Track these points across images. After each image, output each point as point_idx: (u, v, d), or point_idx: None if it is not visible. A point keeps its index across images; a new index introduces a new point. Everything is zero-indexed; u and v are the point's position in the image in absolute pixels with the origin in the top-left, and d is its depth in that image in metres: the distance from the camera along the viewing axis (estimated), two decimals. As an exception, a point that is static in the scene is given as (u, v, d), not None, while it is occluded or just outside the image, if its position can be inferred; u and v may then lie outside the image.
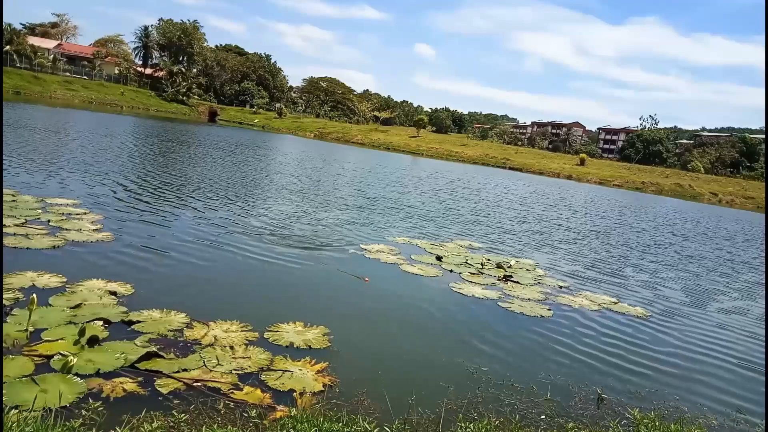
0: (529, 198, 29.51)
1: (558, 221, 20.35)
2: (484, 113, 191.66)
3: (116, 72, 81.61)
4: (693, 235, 22.81)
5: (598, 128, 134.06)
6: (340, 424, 3.99)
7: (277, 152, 38.28)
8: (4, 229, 7.84)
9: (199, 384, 4.49)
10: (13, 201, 9.78)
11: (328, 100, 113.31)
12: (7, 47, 65.04)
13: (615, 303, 9.19)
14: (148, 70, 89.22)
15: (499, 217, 18.93)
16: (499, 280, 9.50)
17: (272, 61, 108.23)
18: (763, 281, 14.26)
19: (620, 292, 10.24)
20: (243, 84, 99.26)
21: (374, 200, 18.20)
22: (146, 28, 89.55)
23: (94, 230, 8.77)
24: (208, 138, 39.40)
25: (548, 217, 21.36)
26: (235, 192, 15.58)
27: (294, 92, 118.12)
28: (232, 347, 5.24)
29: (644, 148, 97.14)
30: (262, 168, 25.08)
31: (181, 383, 4.45)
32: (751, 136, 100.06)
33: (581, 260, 12.97)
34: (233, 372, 4.77)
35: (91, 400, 3.96)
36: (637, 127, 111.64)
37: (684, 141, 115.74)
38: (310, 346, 5.57)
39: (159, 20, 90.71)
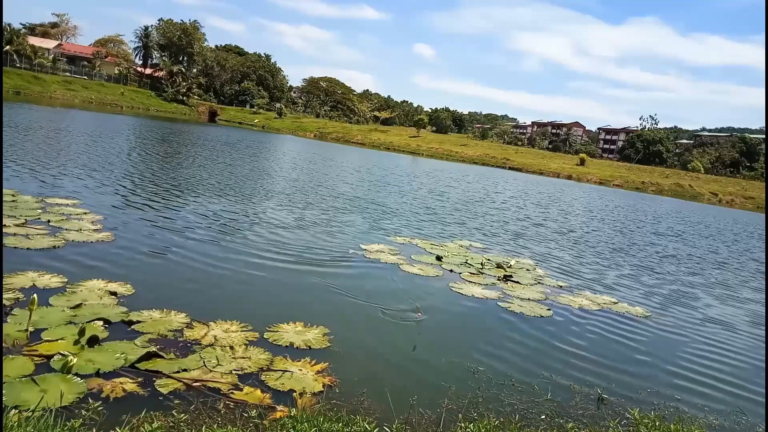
0: (520, 198, 29.49)
1: (548, 223, 20.35)
2: (484, 113, 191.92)
3: (116, 72, 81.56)
4: (694, 236, 22.82)
5: (598, 128, 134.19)
6: (340, 424, 3.99)
7: (277, 155, 38.27)
8: (4, 229, 7.84)
9: (199, 384, 4.48)
10: (13, 201, 9.78)
11: (328, 100, 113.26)
12: (7, 47, 65.01)
13: (615, 303, 9.19)
14: (148, 70, 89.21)
15: (481, 220, 18.90)
16: (498, 280, 9.50)
17: (272, 61, 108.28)
18: (762, 280, 14.27)
19: (619, 291, 10.24)
20: (243, 84, 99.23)
21: (354, 201, 18.19)
22: (146, 28, 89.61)
23: (94, 230, 8.77)
24: (210, 139, 39.40)
25: (536, 218, 21.35)
26: (235, 193, 15.58)
27: (294, 92, 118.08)
28: (232, 347, 5.24)
29: (644, 148, 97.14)
30: (262, 169, 25.09)
31: (181, 383, 4.45)
32: (751, 136, 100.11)
33: (568, 262, 12.97)
34: (233, 372, 4.77)
35: (91, 400, 3.96)
36: (637, 127, 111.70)
37: (684, 141, 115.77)
38: (310, 347, 5.57)
39: (159, 20, 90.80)
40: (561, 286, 9.78)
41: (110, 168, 16.25)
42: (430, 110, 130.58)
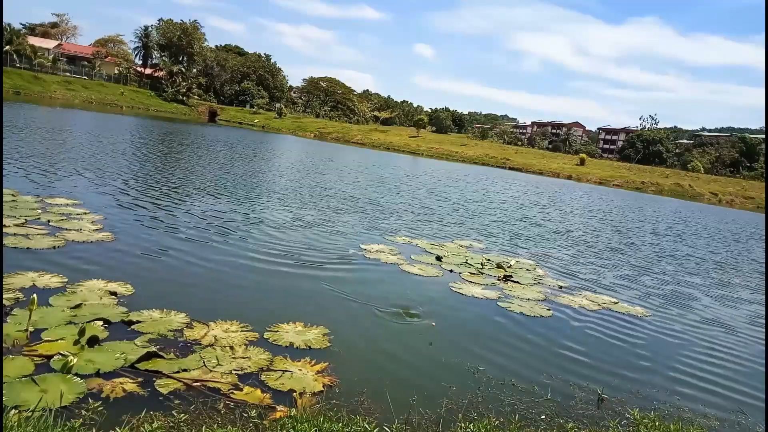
0: (519, 198, 29.47)
1: (548, 223, 20.34)
2: (483, 113, 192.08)
3: (116, 72, 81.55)
4: (693, 236, 22.82)
5: (598, 128, 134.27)
6: (340, 424, 3.99)
7: (276, 155, 38.27)
8: (4, 229, 7.84)
9: (199, 384, 4.49)
10: (13, 201, 9.78)
11: (328, 100, 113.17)
12: (7, 47, 64.97)
13: (615, 303, 9.19)
14: (148, 70, 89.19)
15: (480, 220, 18.90)
16: (498, 280, 9.50)
17: (272, 61, 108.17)
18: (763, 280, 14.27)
19: (619, 292, 10.23)
20: (243, 84, 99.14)
21: (353, 201, 18.19)
22: (146, 28, 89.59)
23: (94, 230, 8.77)
24: (209, 139, 39.39)
25: (534, 218, 21.34)
26: (234, 193, 15.58)
27: (294, 92, 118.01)
28: (232, 347, 5.24)
29: (644, 148, 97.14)
30: (262, 170, 25.09)
31: (181, 383, 4.45)
32: (751, 136, 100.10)
33: (567, 262, 12.97)
34: (233, 372, 4.77)
35: (91, 400, 3.96)
36: (637, 127, 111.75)
37: (684, 141, 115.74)
38: (310, 347, 5.57)
39: (159, 20, 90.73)
40: (561, 286, 9.78)
41: (110, 168, 16.24)
42: (430, 110, 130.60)
